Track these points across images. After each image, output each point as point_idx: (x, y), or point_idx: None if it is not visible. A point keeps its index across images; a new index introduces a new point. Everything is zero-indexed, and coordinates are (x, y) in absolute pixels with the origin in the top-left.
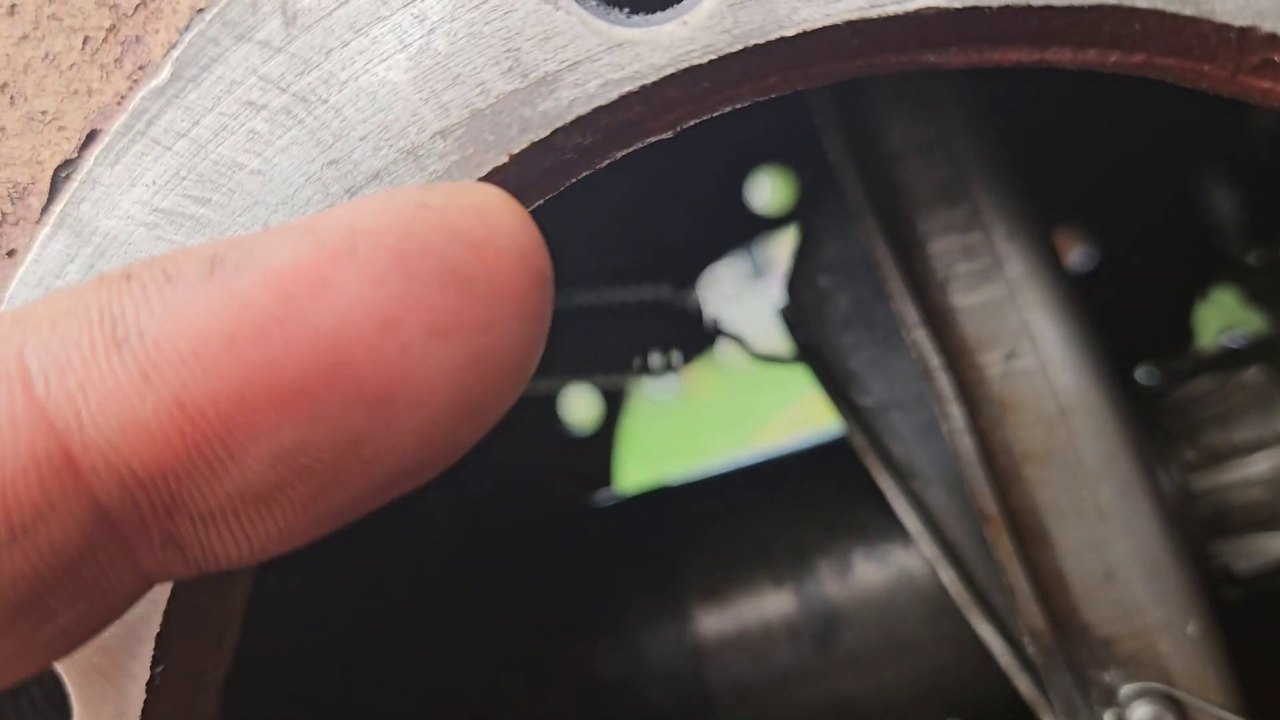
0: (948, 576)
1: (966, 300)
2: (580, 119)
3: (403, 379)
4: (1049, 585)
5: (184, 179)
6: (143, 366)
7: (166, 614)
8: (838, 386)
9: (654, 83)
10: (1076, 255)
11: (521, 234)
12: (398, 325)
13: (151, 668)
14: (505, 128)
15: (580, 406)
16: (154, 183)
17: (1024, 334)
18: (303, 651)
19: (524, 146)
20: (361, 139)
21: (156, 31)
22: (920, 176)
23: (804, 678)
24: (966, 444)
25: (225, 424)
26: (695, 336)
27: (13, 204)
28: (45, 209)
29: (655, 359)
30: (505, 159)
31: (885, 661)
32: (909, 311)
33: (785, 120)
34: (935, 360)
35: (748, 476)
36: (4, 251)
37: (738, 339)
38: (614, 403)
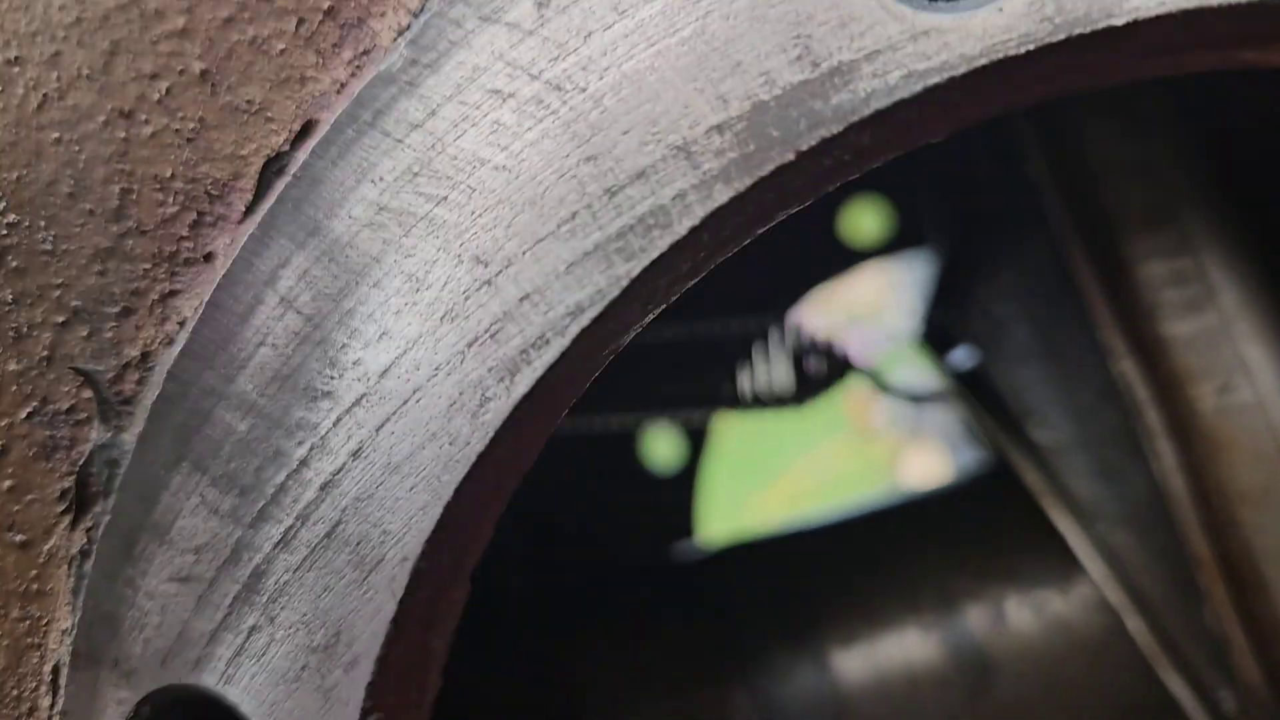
0: (1135, 625)
1: (1176, 329)
2: (879, 113)
3: None
4: (1268, 636)
5: (417, 175)
6: None
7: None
8: (1011, 422)
9: (963, 75)
10: None
11: None
12: None
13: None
14: (793, 122)
15: (662, 445)
16: (383, 179)
17: (1239, 366)
18: None
19: (814, 143)
20: (624, 133)
21: (382, 14)
22: (1126, 198)
23: None
24: (1177, 483)
25: None
26: (810, 371)
27: (211, 202)
28: (250, 208)
29: (756, 387)
30: (792, 156)
31: (1045, 714)
32: (1115, 340)
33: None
34: (1143, 393)
35: (887, 517)
36: (200, 254)
37: (869, 372)
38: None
